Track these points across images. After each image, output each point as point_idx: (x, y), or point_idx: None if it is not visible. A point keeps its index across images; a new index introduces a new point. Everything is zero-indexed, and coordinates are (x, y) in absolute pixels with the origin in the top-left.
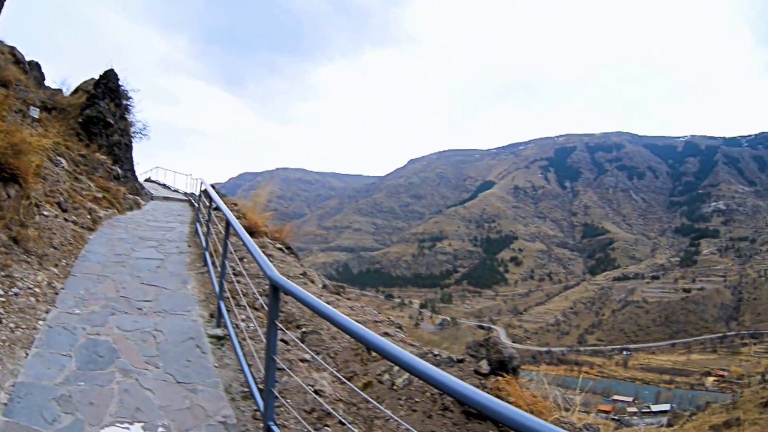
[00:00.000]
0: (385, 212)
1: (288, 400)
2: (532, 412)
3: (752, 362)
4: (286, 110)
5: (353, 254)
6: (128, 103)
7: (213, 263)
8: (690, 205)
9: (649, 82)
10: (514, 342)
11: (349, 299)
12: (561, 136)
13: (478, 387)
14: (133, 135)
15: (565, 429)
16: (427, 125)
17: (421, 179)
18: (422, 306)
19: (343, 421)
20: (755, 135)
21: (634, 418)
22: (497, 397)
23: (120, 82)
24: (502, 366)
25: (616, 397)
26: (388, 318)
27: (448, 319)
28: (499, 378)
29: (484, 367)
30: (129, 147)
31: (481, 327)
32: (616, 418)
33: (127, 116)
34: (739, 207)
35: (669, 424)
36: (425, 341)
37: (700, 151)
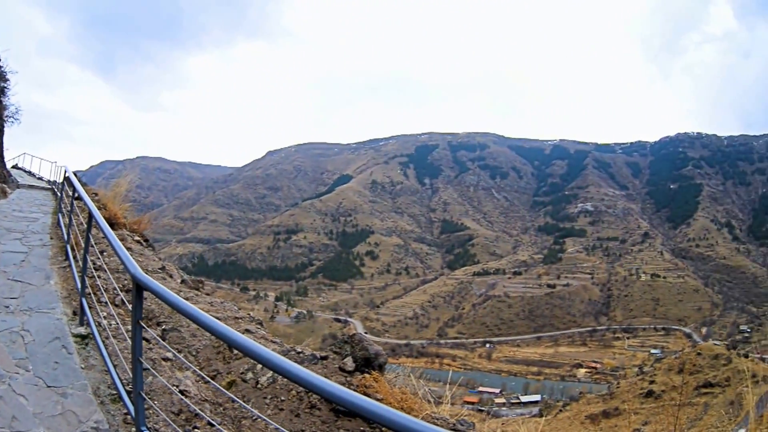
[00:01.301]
0: (242, 204)
1: (155, 402)
2: (402, 409)
3: (627, 355)
4: (154, 98)
5: (209, 246)
6: (5, 85)
7: (75, 257)
8: (555, 206)
9: (521, 86)
10: (372, 335)
11: (208, 294)
12: (424, 134)
13: (344, 384)
14: (5, 119)
15: (438, 424)
16: (291, 118)
17: (279, 171)
18: (278, 299)
19: (212, 422)
20: (630, 143)
21: (503, 409)
22: (365, 394)
23: None
24: (368, 363)
25: (482, 388)
26: (248, 314)
27: (304, 312)
28: (366, 375)
29: (349, 364)
30: (0, 132)
31: (338, 320)
32: (483, 409)
33: (2, 99)
34: (609, 209)
35: (541, 415)
36: (281, 334)
37: (569, 155)
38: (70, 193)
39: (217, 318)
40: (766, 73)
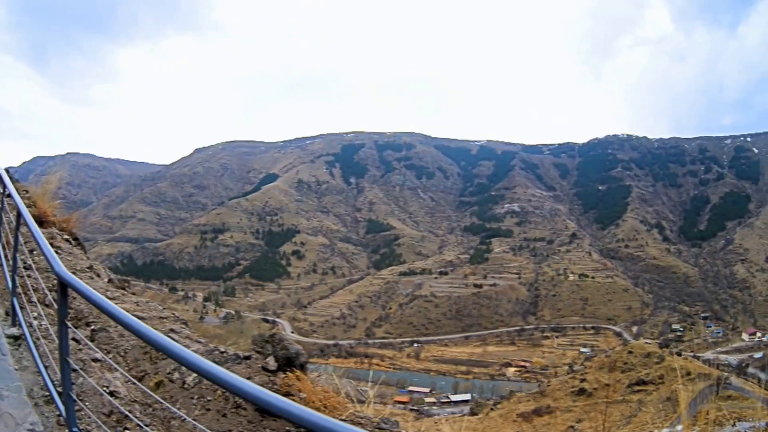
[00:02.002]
0: (169, 202)
1: (87, 403)
2: (325, 408)
3: (557, 354)
4: (85, 92)
5: (137, 245)
6: None
7: (5, 256)
8: (482, 206)
9: (450, 87)
10: (300, 335)
11: (134, 294)
12: (350, 133)
13: (267, 384)
14: None
15: (362, 423)
16: (219, 115)
17: (206, 169)
18: (206, 299)
19: (141, 423)
20: (559, 144)
21: (434, 408)
22: (288, 393)
23: None
24: (290, 362)
25: (412, 388)
26: (173, 314)
27: (232, 312)
28: (288, 374)
29: (272, 363)
30: None
31: (266, 320)
32: (415, 408)
33: None
34: (536, 210)
35: (473, 413)
36: (211, 335)
37: (496, 156)
38: (1, 190)
39: (142, 318)
40: (701, 77)
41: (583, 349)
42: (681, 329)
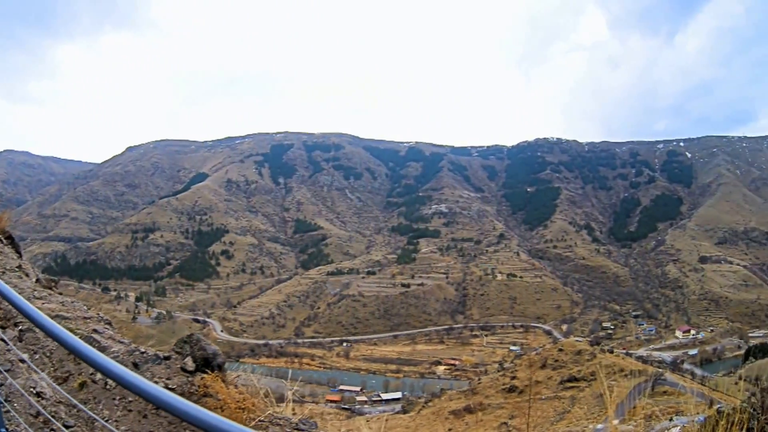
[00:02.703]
0: (101, 201)
1: (15, 404)
2: (240, 410)
3: (486, 352)
4: (24, 88)
5: (71, 244)
6: None
7: None
8: (409, 207)
9: (380, 88)
10: (230, 335)
11: (61, 294)
12: (280, 133)
13: (185, 385)
14: None
15: (280, 425)
16: (152, 113)
17: (137, 168)
18: (138, 299)
19: (68, 424)
20: (487, 147)
21: (366, 406)
22: (205, 395)
23: None
24: (207, 363)
25: (343, 387)
26: (98, 314)
27: (164, 312)
28: (206, 375)
29: (190, 364)
30: None
31: (197, 320)
32: (347, 407)
33: None
34: (463, 211)
35: (404, 411)
36: (144, 336)
37: (424, 157)
38: None
39: (67, 318)
40: (635, 84)
41: (512, 347)
42: (612, 327)
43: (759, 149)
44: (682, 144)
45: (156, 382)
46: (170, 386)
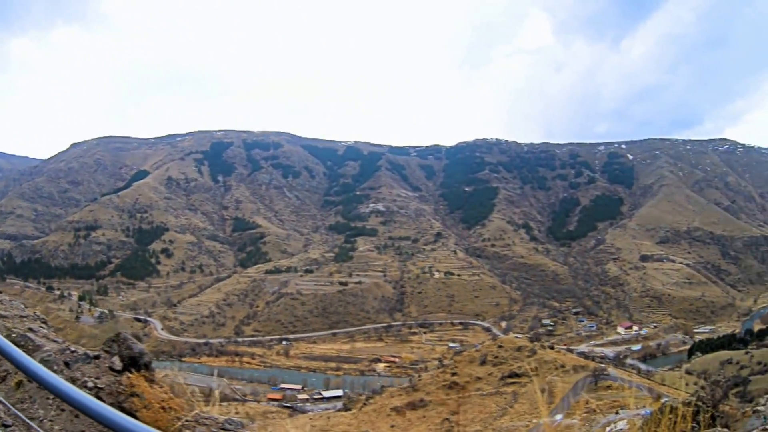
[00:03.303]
0: (45, 198)
1: None
2: (164, 410)
3: (425, 349)
4: None
5: (16, 242)
6: None
7: None
8: (346, 205)
9: (319, 87)
10: (171, 334)
11: (1, 292)
12: (220, 131)
13: (114, 384)
14: None
15: (206, 424)
16: (98, 108)
17: (81, 165)
18: (81, 298)
19: (6, 423)
20: (426, 147)
21: (308, 404)
22: (133, 394)
23: None
24: (134, 362)
25: (284, 385)
26: (35, 312)
27: (106, 312)
28: (131, 375)
29: (117, 363)
30: None
31: (138, 319)
32: (288, 405)
33: None
34: (401, 210)
35: (346, 409)
36: (87, 335)
37: (362, 156)
38: None
39: (4, 316)
40: (576, 87)
41: (451, 344)
42: (552, 324)
43: (704, 152)
44: (623, 146)
45: (86, 382)
46: (99, 385)
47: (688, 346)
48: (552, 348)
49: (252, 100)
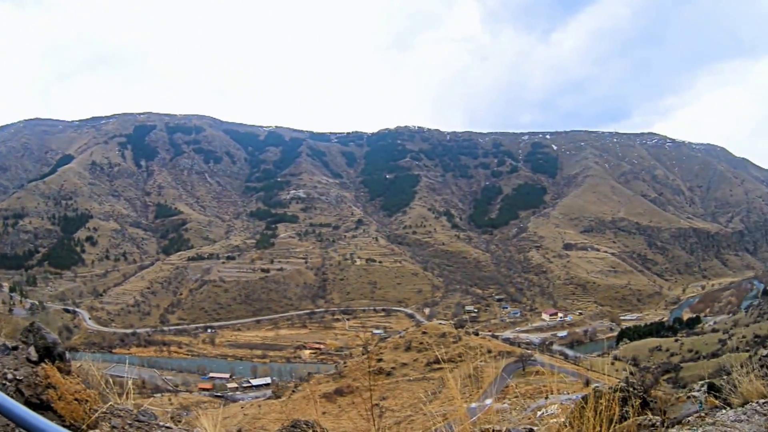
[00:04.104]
0: None
1: None
2: (77, 402)
3: (349, 336)
4: None
5: None
6: None
7: None
8: (268, 192)
9: (243, 71)
10: (99, 324)
11: None
12: (143, 113)
13: (31, 375)
14: None
15: (120, 416)
16: (26, 89)
17: (8, 149)
18: (12, 289)
19: None
20: (347, 133)
21: (238, 393)
22: (49, 386)
23: None
24: (49, 352)
25: (213, 374)
26: None
27: (37, 303)
28: (47, 366)
29: (33, 354)
30: None
31: (67, 310)
32: (219, 394)
33: None
34: (322, 196)
35: (276, 396)
36: (21, 328)
37: (283, 142)
38: None
39: None
40: (502, 77)
41: (375, 331)
42: (476, 311)
43: (631, 145)
44: (548, 137)
45: (5, 374)
46: (18, 377)
47: (615, 333)
48: (477, 334)
49: (175, 82)
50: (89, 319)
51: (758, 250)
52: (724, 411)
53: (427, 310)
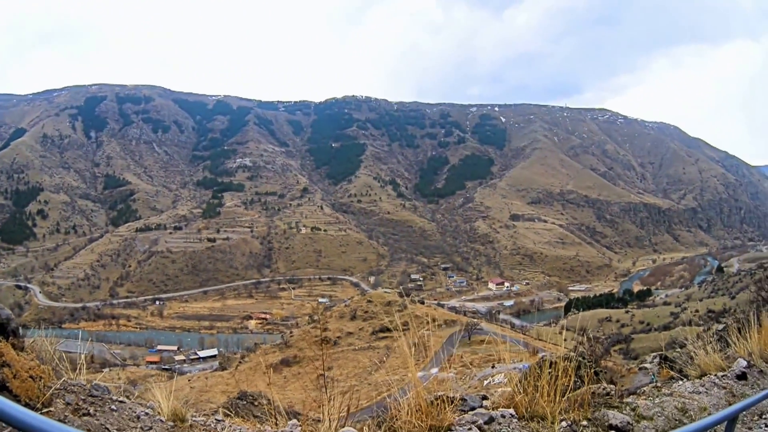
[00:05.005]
0: None
1: None
2: (32, 378)
3: (295, 305)
4: None
5: None
6: None
7: None
8: (214, 160)
9: (194, 40)
10: (50, 300)
11: None
12: (94, 85)
13: None
14: None
15: (74, 392)
16: None
17: None
18: None
19: None
20: (294, 102)
21: (185, 365)
22: (3, 364)
23: None
24: (2, 329)
25: (160, 347)
26: None
27: None
28: (0, 343)
29: None
30: None
31: (19, 287)
32: (166, 367)
33: None
34: (267, 165)
35: (223, 368)
36: None
37: (231, 111)
38: None
39: None
40: (452, 51)
41: (321, 300)
42: (421, 279)
43: (581, 119)
44: (497, 109)
45: None
46: None
47: (563, 304)
48: (422, 303)
49: (129, 54)
50: (40, 293)
51: (712, 227)
52: (680, 382)
53: (372, 279)
